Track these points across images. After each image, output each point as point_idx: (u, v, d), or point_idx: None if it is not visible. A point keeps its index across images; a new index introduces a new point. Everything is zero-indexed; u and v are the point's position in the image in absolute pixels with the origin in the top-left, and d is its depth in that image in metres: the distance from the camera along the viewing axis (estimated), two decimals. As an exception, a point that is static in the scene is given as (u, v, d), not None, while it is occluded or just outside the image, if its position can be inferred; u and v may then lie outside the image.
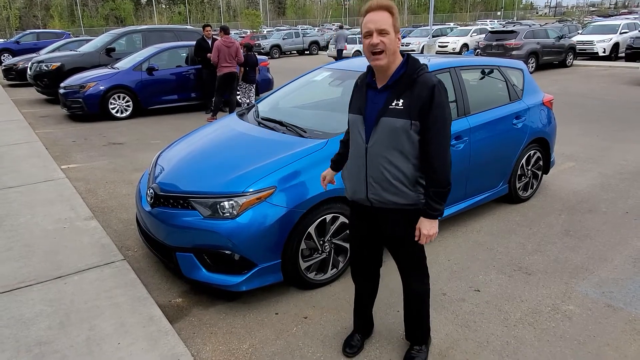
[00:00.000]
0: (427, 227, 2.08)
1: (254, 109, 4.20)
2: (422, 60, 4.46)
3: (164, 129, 8.39)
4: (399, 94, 2.00)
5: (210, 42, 9.33)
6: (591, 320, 2.79)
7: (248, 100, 9.41)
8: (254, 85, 9.43)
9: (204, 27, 9.70)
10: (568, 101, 10.18)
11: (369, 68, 2.14)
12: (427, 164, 2.03)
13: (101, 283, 3.12)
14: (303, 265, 3.01)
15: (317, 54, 30.11)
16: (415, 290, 2.35)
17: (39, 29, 42.02)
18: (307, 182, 2.95)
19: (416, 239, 2.12)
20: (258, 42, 28.17)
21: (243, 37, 29.55)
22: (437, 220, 2.09)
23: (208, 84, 9.45)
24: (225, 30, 8.92)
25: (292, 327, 2.77)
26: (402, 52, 2.07)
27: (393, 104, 2.00)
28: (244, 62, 9.01)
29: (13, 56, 19.76)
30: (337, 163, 2.52)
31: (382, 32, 1.94)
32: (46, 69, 10.88)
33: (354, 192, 2.21)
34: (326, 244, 3.09)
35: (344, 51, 22.53)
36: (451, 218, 3.56)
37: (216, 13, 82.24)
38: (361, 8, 2.12)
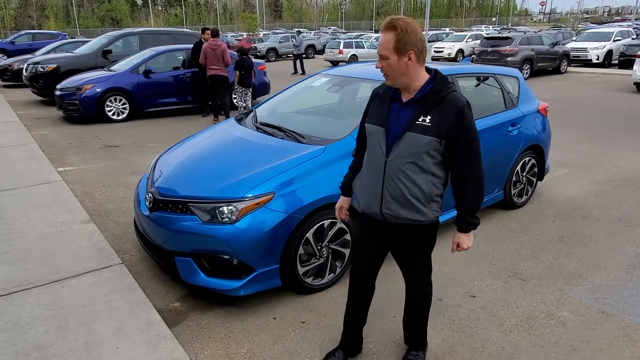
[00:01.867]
0: (466, 241, 2.14)
1: (252, 114, 4.23)
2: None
3: (160, 131, 8.39)
4: (427, 110, 1.96)
5: None
6: (585, 326, 2.83)
7: (244, 104, 9.43)
8: (250, 89, 9.47)
9: (202, 30, 9.72)
10: (562, 107, 10.29)
11: None
12: (461, 182, 2.05)
13: (99, 287, 3.12)
14: (301, 270, 3.04)
15: (313, 57, 30.18)
16: (419, 298, 2.36)
17: (34, 29, 41.83)
18: (306, 188, 2.98)
19: (452, 251, 2.19)
20: (254, 45, 28.21)
21: (239, 40, 29.59)
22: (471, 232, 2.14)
23: (204, 87, 9.48)
24: (213, 33, 9.00)
25: (290, 332, 2.79)
26: (428, 68, 2.04)
27: (420, 119, 1.96)
28: (239, 66, 9.04)
29: (8, 57, 19.65)
30: (348, 189, 2.46)
31: (381, 57, 1.94)
32: (42, 70, 10.85)
33: (367, 205, 2.16)
34: (324, 249, 3.12)
35: (340, 55, 22.70)
36: (447, 224, 3.59)
37: (212, 16, 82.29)
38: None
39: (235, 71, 9.07)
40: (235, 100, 9.50)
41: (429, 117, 1.95)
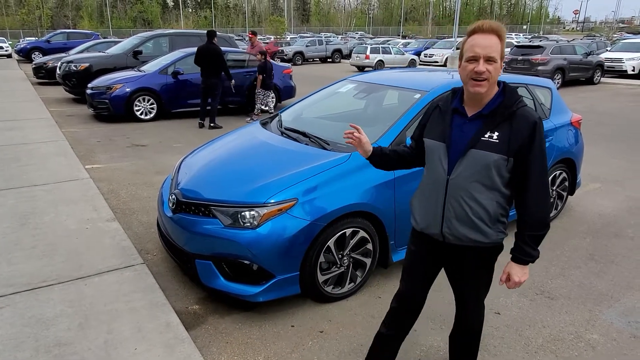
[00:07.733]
0: (519, 273, 1.91)
1: (277, 118, 4.22)
2: (447, 75, 4.42)
3: (186, 132, 8.49)
4: (495, 126, 1.83)
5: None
6: (616, 351, 2.70)
7: (265, 107, 9.46)
8: (271, 92, 9.49)
9: (211, 34, 8.95)
10: (594, 120, 9.98)
11: (455, 91, 1.98)
12: (524, 206, 1.87)
13: (120, 286, 3.15)
14: (321, 278, 2.99)
15: (339, 62, 30.21)
16: (473, 326, 2.18)
17: (69, 29, 43.14)
18: (329, 195, 2.94)
19: (502, 283, 1.97)
20: (281, 48, 28.39)
21: (267, 42, 29.84)
22: (528, 265, 1.92)
23: (212, 91, 8.92)
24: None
25: (307, 341, 2.75)
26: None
27: (486, 135, 1.83)
28: (261, 69, 9.09)
29: (43, 55, 20.36)
30: (377, 157, 2.18)
31: (489, 60, 1.77)
32: (75, 69, 11.14)
33: (427, 225, 2.02)
34: (345, 257, 3.07)
35: (366, 60, 22.65)
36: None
37: (241, 18, 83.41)
38: (468, 27, 1.85)
39: (258, 75, 9.12)
40: (257, 104, 9.44)
41: (496, 134, 1.82)
